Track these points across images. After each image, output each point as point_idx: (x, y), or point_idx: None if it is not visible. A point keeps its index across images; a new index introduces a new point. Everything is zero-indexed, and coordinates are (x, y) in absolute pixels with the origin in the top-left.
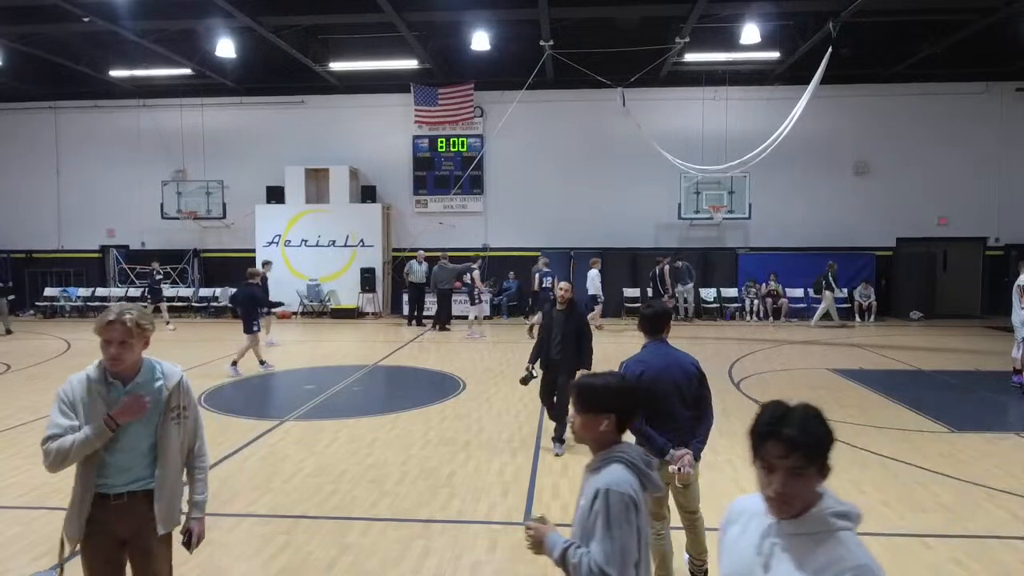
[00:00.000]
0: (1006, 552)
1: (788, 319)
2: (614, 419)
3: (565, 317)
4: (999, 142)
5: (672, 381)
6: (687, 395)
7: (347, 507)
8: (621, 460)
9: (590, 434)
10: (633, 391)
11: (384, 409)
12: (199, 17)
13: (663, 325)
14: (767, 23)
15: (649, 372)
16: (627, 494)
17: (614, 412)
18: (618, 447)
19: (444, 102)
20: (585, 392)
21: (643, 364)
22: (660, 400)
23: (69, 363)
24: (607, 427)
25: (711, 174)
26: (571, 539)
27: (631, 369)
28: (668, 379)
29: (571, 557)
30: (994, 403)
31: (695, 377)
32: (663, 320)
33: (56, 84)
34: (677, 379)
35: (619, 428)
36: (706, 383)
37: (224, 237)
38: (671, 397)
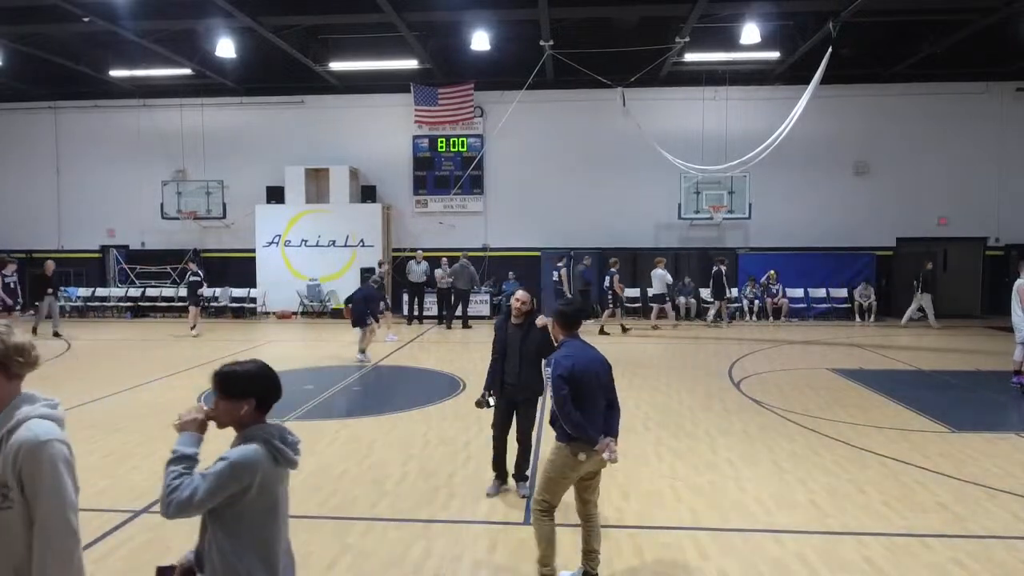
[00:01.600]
0: (1006, 552)
1: (788, 319)
2: (254, 403)
3: (523, 334)
4: (999, 142)
5: (593, 372)
6: (603, 385)
7: (347, 507)
8: (259, 438)
9: (231, 419)
10: (271, 376)
11: (384, 409)
12: (199, 17)
13: (578, 322)
14: (767, 23)
15: (579, 364)
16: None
17: (254, 396)
18: (258, 427)
19: (444, 102)
20: (227, 379)
21: (571, 358)
22: (585, 390)
23: (69, 363)
24: (247, 411)
25: (711, 174)
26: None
27: (562, 362)
28: (592, 370)
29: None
30: (994, 403)
31: (608, 369)
32: (578, 317)
33: (56, 84)
34: (597, 371)
35: (259, 410)
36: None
37: (224, 237)
38: (592, 387)
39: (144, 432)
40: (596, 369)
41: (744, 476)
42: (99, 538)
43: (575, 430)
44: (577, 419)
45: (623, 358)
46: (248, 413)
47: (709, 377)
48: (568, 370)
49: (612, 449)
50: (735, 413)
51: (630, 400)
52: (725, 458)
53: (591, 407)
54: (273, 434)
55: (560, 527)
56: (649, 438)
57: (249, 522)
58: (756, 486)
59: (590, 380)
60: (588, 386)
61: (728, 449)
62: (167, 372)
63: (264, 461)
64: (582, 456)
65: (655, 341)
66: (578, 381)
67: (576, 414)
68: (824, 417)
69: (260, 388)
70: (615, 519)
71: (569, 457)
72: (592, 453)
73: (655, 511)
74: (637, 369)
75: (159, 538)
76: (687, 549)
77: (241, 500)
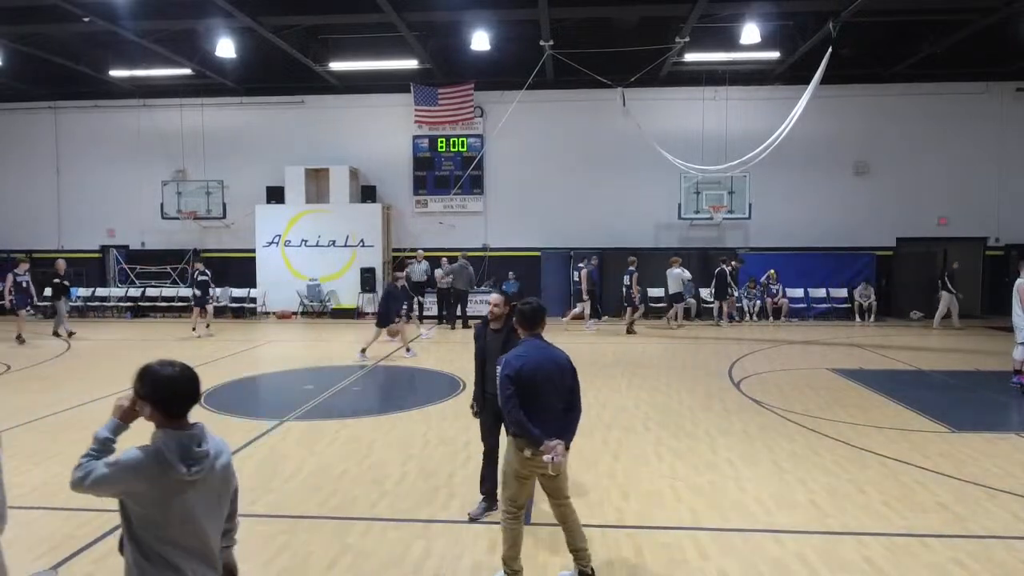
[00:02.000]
0: (1006, 552)
1: (788, 319)
2: (149, 408)
3: (503, 340)
4: (999, 142)
5: (547, 374)
6: (560, 387)
7: (347, 507)
8: (152, 445)
9: (143, 415)
10: (171, 383)
11: (384, 409)
12: (199, 17)
13: (537, 322)
14: (767, 23)
15: (528, 365)
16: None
17: (150, 400)
18: (161, 431)
19: (444, 102)
20: (138, 376)
21: (522, 358)
22: (536, 391)
23: (69, 363)
24: (149, 412)
25: (711, 174)
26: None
27: (512, 362)
28: (544, 372)
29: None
30: (994, 403)
31: (568, 371)
32: (537, 317)
33: (56, 84)
34: (551, 372)
35: (165, 415)
36: (576, 377)
37: (224, 237)
38: (546, 389)
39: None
40: (550, 371)
41: (744, 476)
42: (99, 538)
43: (517, 429)
44: (518, 418)
45: (623, 358)
46: (152, 415)
47: (709, 377)
48: (516, 370)
49: (557, 452)
50: (735, 413)
51: (630, 400)
52: (725, 458)
53: (541, 409)
54: (169, 443)
55: (554, 527)
56: (649, 438)
57: (144, 523)
58: (756, 486)
59: (541, 381)
60: (539, 387)
61: (728, 449)
62: None
63: (146, 469)
64: (527, 452)
65: (655, 341)
66: (526, 382)
67: (518, 413)
68: (824, 417)
69: (158, 395)
70: (615, 519)
71: (517, 453)
72: (537, 453)
73: (655, 511)
74: (637, 369)
75: None
76: (687, 549)
77: (134, 501)
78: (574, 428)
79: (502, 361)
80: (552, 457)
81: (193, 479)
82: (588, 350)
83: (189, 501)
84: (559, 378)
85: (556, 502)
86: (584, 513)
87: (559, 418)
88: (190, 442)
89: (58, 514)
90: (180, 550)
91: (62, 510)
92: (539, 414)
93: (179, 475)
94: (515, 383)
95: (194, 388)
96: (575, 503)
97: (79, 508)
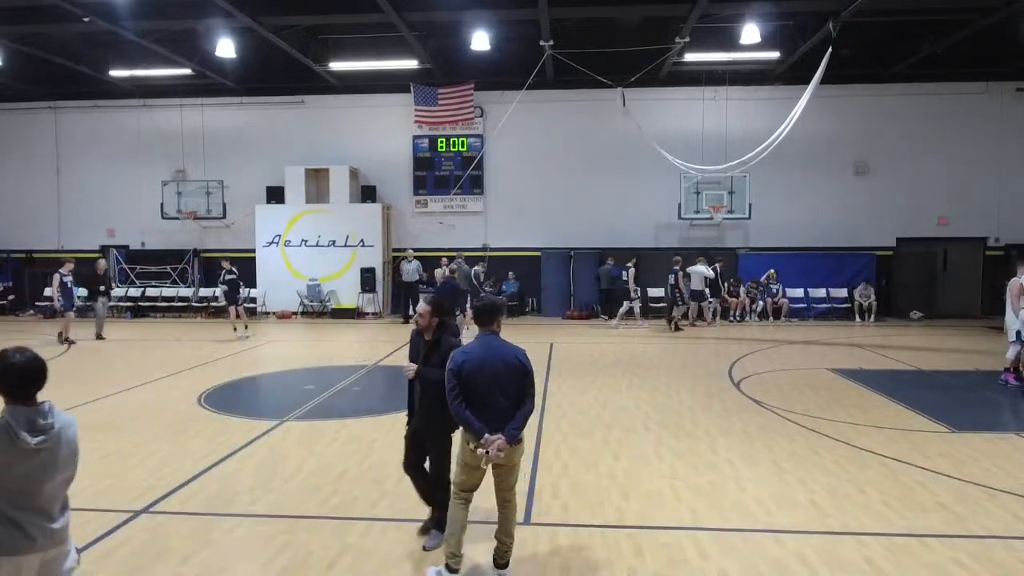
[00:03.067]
0: (1006, 552)
1: (788, 319)
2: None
3: (428, 352)
4: (999, 142)
5: (491, 371)
6: (506, 385)
7: (347, 507)
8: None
9: None
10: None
11: (384, 409)
12: (199, 17)
13: (490, 318)
14: (767, 23)
15: (471, 361)
16: None
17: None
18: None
19: (444, 102)
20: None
21: (467, 354)
22: (480, 387)
23: (69, 363)
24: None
25: (711, 174)
26: None
27: (456, 359)
28: (488, 369)
29: None
30: (994, 403)
31: (516, 369)
32: (490, 313)
33: (56, 84)
34: (497, 369)
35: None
36: (529, 375)
37: (224, 237)
38: (490, 386)
39: (144, 432)
40: (495, 367)
41: (744, 476)
42: (99, 538)
43: (459, 422)
44: (458, 412)
45: (623, 358)
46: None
47: (709, 377)
48: (459, 365)
49: (498, 447)
50: (735, 413)
51: (630, 400)
52: (725, 458)
53: (484, 404)
54: (18, 417)
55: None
56: (649, 438)
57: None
58: (756, 486)
59: (485, 378)
60: (482, 383)
61: (728, 449)
62: (167, 372)
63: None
64: (471, 444)
65: (655, 341)
66: (468, 377)
67: (458, 407)
68: (824, 417)
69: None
70: (615, 519)
71: (466, 444)
72: (478, 445)
73: (655, 511)
74: (637, 369)
75: (159, 538)
76: (687, 549)
77: None
78: (520, 424)
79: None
80: (487, 451)
81: (39, 448)
82: (589, 350)
83: (33, 467)
84: (505, 375)
85: (498, 489)
86: (584, 513)
87: (505, 413)
88: (36, 416)
89: None
90: (22, 510)
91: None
92: (483, 409)
93: (25, 444)
94: (458, 377)
95: (41, 374)
96: (575, 502)
97: (79, 508)
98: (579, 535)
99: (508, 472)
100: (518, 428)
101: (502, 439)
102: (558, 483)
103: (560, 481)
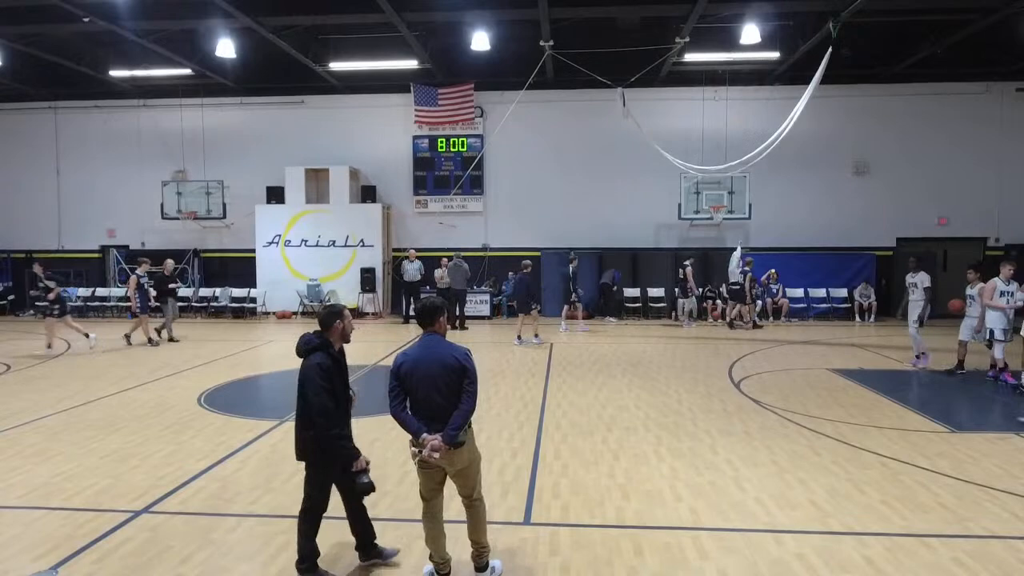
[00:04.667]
0: (1006, 552)
1: (788, 319)
2: None
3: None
4: (999, 142)
5: (427, 371)
6: (442, 385)
7: None
8: None
9: None
10: None
11: (384, 409)
12: (199, 17)
13: (431, 319)
14: (767, 23)
15: (408, 362)
16: None
17: None
18: None
19: (444, 102)
20: None
21: (406, 355)
22: (416, 387)
23: (69, 363)
24: None
25: (711, 174)
26: None
27: (397, 359)
28: (423, 369)
29: None
30: (994, 403)
31: (454, 370)
32: (430, 315)
33: (56, 84)
34: (433, 370)
35: None
36: (469, 375)
37: (224, 237)
38: (426, 385)
39: (144, 432)
40: (431, 368)
41: (744, 476)
42: (99, 538)
43: (398, 423)
44: (395, 413)
45: (623, 358)
46: None
47: (709, 377)
48: (397, 367)
49: (433, 447)
50: (735, 413)
51: (630, 400)
52: (725, 458)
53: (420, 405)
54: None
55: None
56: (649, 438)
57: None
58: (756, 486)
59: (420, 378)
60: (419, 384)
61: (728, 449)
62: (167, 372)
63: None
64: (413, 448)
65: (655, 341)
66: (405, 378)
67: (395, 407)
68: (824, 417)
69: None
70: (615, 519)
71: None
72: (415, 444)
73: (655, 511)
74: (637, 369)
75: (159, 538)
76: (687, 549)
77: None
78: (457, 424)
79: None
80: (419, 451)
81: None
82: (589, 350)
83: None
84: (442, 376)
85: (462, 497)
86: (584, 513)
87: (444, 413)
88: None
89: (58, 514)
90: None
91: (62, 510)
92: (419, 410)
93: None
94: (397, 379)
95: None
96: (575, 502)
97: (79, 508)
98: (579, 535)
99: (463, 476)
100: (455, 428)
101: (437, 439)
102: (558, 483)
103: (560, 481)
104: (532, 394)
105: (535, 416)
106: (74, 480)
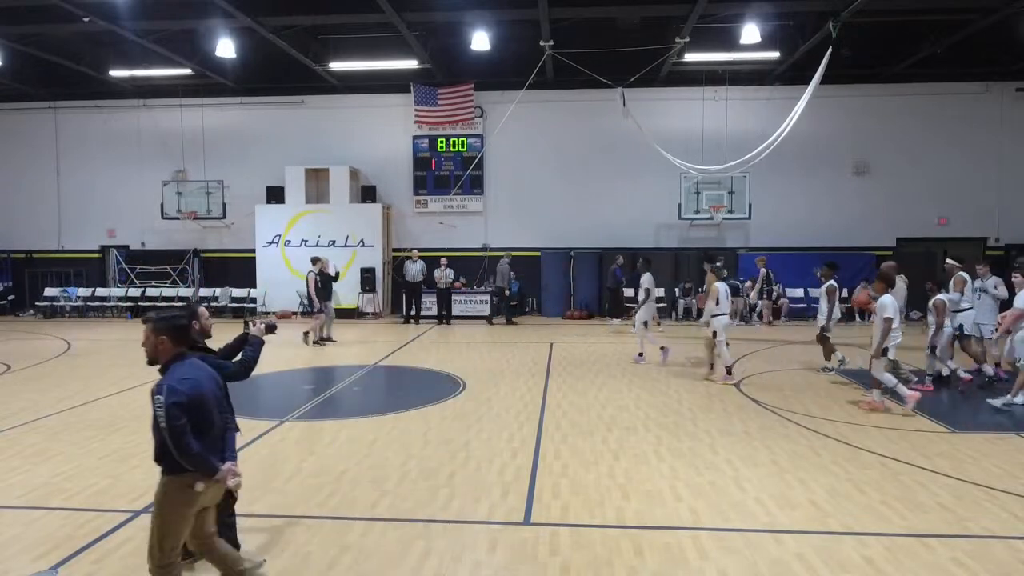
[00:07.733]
0: (1006, 552)
1: (788, 319)
2: None
3: None
4: (999, 142)
5: (212, 393)
6: (222, 405)
7: (347, 507)
8: None
9: None
10: None
11: (384, 409)
12: (199, 17)
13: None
14: (767, 23)
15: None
16: None
17: None
18: None
19: (444, 102)
20: None
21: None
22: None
23: (69, 363)
24: None
25: (711, 174)
26: None
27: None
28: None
29: None
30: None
31: (223, 386)
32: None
33: (56, 84)
34: (215, 390)
35: None
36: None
37: (224, 237)
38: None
39: (144, 432)
40: (213, 388)
41: (744, 476)
42: (99, 538)
43: (196, 465)
44: (196, 451)
45: (623, 359)
46: None
47: (709, 377)
48: (187, 396)
49: (236, 473)
50: (735, 413)
51: (630, 400)
52: (725, 458)
53: (211, 432)
54: None
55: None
56: (649, 438)
57: None
58: (756, 486)
59: (209, 402)
60: (209, 410)
61: (728, 449)
62: None
63: None
64: (199, 486)
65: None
66: (198, 407)
67: (195, 445)
68: (824, 417)
69: None
70: (615, 519)
71: (183, 490)
72: (212, 483)
73: (655, 511)
74: (637, 369)
75: None
76: (687, 549)
77: None
78: (235, 443)
79: (160, 388)
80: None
81: None
82: (589, 350)
83: None
84: (220, 393)
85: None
86: (584, 513)
87: (221, 438)
88: None
89: (58, 514)
90: None
91: (62, 510)
92: (208, 439)
93: None
94: (188, 411)
95: None
96: (575, 502)
97: (79, 508)
98: (579, 535)
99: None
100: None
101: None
102: (558, 483)
103: (560, 481)
104: (532, 394)
105: (535, 416)
106: (74, 480)
